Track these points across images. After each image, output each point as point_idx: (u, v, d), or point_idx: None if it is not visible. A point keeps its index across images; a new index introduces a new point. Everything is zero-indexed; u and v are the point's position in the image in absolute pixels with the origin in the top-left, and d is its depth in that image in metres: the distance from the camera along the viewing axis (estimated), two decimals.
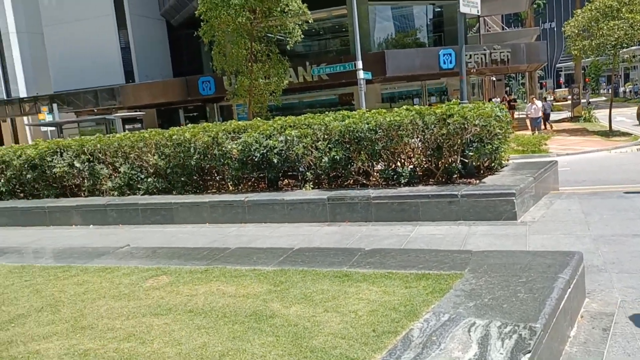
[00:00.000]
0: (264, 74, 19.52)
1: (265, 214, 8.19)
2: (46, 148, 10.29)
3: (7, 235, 9.12)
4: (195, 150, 9.17)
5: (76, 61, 31.01)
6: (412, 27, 28.04)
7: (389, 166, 8.28)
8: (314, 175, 8.66)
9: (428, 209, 7.25)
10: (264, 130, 8.90)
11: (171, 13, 30.34)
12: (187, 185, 9.53)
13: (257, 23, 18.72)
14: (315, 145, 8.45)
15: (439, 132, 7.71)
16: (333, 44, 28.08)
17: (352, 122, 8.13)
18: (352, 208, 7.66)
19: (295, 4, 17.79)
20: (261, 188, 9.13)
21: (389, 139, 7.91)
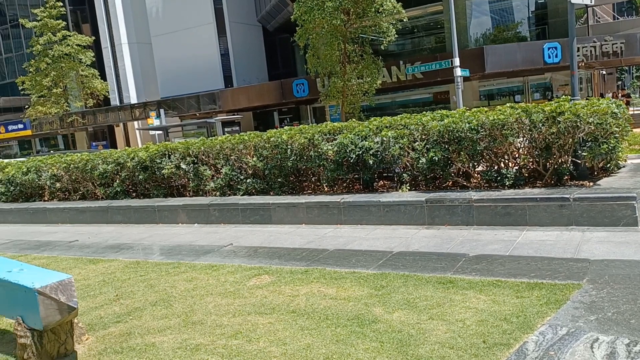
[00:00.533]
0: (357, 74, 19.54)
1: (361, 216, 8.15)
2: (156, 151, 10.99)
3: (122, 232, 9.84)
4: (292, 151, 9.34)
5: (180, 68, 33.01)
6: (511, 20, 26.71)
7: (492, 167, 7.90)
8: (410, 176, 8.48)
9: (536, 213, 6.82)
10: (360, 131, 8.85)
11: (267, 19, 31.30)
12: (284, 186, 9.73)
13: (351, 24, 18.79)
14: (412, 145, 8.27)
15: (548, 131, 7.23)
16: (427, 41, 27.49)
17: (452, 121, 7.85)
18: (451, 211, 7.40)
19: (389, 4, 17.64)
20: (356, 189, 9.10)
21: (492, 139, 7.55)
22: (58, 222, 11.50)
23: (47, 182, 12.24)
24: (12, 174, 12.80)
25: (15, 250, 8.63)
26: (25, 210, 12.08)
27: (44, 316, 3.59)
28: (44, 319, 3.59)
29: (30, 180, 12.46)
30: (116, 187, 11.42)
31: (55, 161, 12.33)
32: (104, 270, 6.35)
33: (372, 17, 18.50)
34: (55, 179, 12.19)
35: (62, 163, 12.10)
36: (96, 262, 6.90)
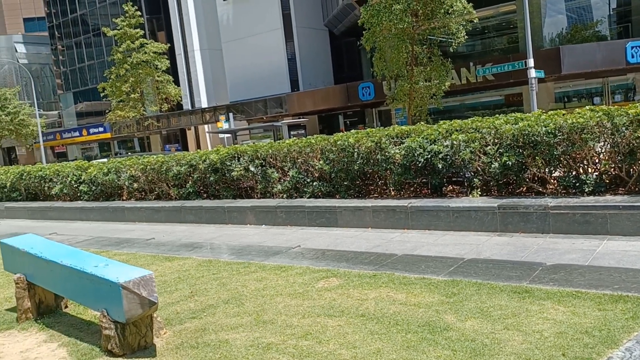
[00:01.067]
0: (425, 77, 19.24)
1: (429, 221, 8.01)
2: (226, 153, 11.33)
3: (194, 231, 10.22)
4: (359, 155, 9.33)
5: (249, 73, 33.89)
6: (590, 19, 25.36)
7: (570, 173, 7.53)
8: (481, 181, 8.24)
9: (618, 222, 6.43)
10: (429, 134, 8.71)
11: (334, 23, 31.50)
12: (350, 190, 9.74)
13: (419, 26, 18.53)
14: (484, 150, 8.04)
15: (632, 135, 6.81)
16: (499, 42, 26.64)
17: (527, 125, 7.56)
18: (526, 218, 7.13)
19: (459, 4, 17.25)
20: (424, 194, 8.96)
21: (570, 143, 7.21)
22: (135, 220, 12.11)
23: (126, 182, 12.92)
24: (94, 175, 13.62)
25: (98, 246, 9.17)
26: (106, 208, 12.81)
27: (127, 309, 3.79)
28: (127, 312, 3.80)
29: (110, 180, 13.21)
30: (189, 188, 11.87)
31: (133, 163, 12.99)
32: (179, 267, 6.62)
33: (441, 18, 18.16)
34: (133, 180, 12.85)
35: (139, 165, 12.73)
36: (171, 260, 7.21)
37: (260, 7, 33.20)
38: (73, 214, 13.59)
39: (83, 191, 13.87)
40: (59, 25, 49.23)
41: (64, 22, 48.74)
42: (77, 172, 14.23)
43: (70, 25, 48.32)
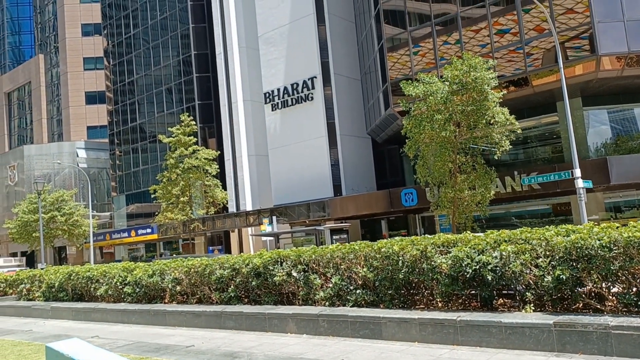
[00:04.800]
0: (469, 185, 19.24)
1: (480, 337, 7.57)
2: (269, 258, 11.34)
3: (233, 338, 9.99)
4: (404, 263, 9.15)
5: (293, 178, 34.88)
6: (635, 130, 25.28)
7: (630, 289, 7.09)
8: (534, 295, 7.84)
9: None
10: (476, 244, 8.51)
11: (376, 131, 32.58)
12: (395, 299, 9.43)
13: (461, 135, 18.88)
14: (536, 262, 7.74)
15: None
16: (543, 151, 26.69)
17: (579, 237, 7.30)
18: (585, 337, 6.64)
19: (502, 116, 17.62)
20: (473, 307, 8.56)
21: (628, 258, 6.86)
22: (175, 324, 11.99)
23: (169, 284, 13.00)
24: (139, 276, 13.80)
25: (138, 352, 9.05)
26: (147, 311, 12.80)
27: None
28: None
29: (154, 282, 13.33)
30: (230, 292, 11.80)
31: (178, 265, 13.15)
32: None
33: (483, 128, 18.52)
34: (176, 282, 12.93)
35: (183, 267, 12.87)
36: None
37: (306, 117, 34.93)
38: (115, 316, 13.63)
39: (127, 293, 14.00)
40: (119, 132, 52.99)
41: (124, 129, 52.48)
42: (123, 274, 14.47)
43: (129, 133, 51.92)
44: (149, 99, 49.60)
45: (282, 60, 36.53)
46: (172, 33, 47.25)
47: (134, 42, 51.50)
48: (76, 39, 68.40)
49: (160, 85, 48.41)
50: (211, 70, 44.22)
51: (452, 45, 25.06)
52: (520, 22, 22.53)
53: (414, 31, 26.80)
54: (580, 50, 21.47)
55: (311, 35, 35.04)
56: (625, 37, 20.26)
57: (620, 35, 20.32)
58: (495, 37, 23.53)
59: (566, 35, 21.66)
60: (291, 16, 36.16)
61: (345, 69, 35.40)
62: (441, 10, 25.88)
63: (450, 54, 24.29)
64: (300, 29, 35.65)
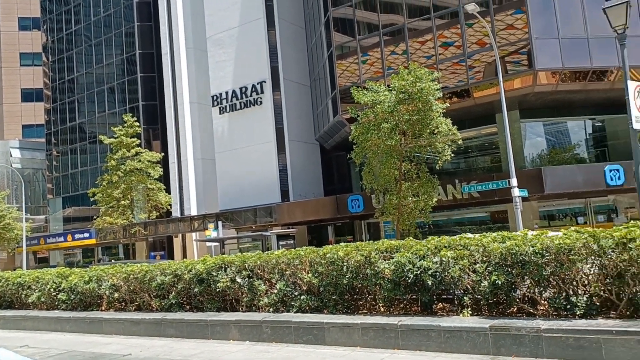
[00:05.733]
0: (413, 192, 19.68)
1: (420, 341, 7.73)
2: (213, 263, 11.13)
3: (173, 346, 9.73)
4: (348, 269, 9.22)
5: (240, 182, 34.52)
6: (568, 142, 26.72)
7: (560, 294, 7.44)
8: (472, 300, 8.09)
9: (612, 348, 6.25)
10: (418, 250, 8.70)
11: (325, 138, 32.81)
12: (339, 304, 9.49)
13: (407, 144, 19.32)
14: (473, 267, 7.99)
15: (619, 258, 6.84)
16: (483, 161, 27.71)
17: (515, 244, 7.61)
18: (518, 340, 6.91)
19: (445, 126, 18.17)
20: (414, 311, 8.74)
21: (558, 264, 7.21)
22: (112, 332, 11.56)
23: (107, 291, 12.52)
24: (75, 283, 13.21)
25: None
26: (83, 319, 12.28)
27: None
28: None
29: (91, 289, 12.80)
30: (172, 299, 11.50)
31: (116, 271, 12.68)
32: None
33: (427, 137, 19.02)
34: (114, 289, 12.46)
35: (122, 273, 12.42)
36: None
37: (254, 121, 34.70)
38: (49, 324, 12.99)
39: (61, 300, 13.36)
40: (57, 132, 50.73)
41: (62, 129, 50.29)
42: (57, 280, 13.81)
43: (68, 133, 49.79)
44: (90, 98, 47.81)
45: (231, 63, 36.17)
46: (116, 31, 45.81)
47: (75, 38, 49.53)
48: (12, 32, 65.12)
49: (102, 84, 46.78)
50: (157, 70, 43.17)
51: (400, 55, 25.65)
52: (464, 35, 23.36)
53: (362, 40, 27.23)
54: (519, 65, 22.49)
55: (261, 40, 34.90)
56: (560, 54, 21.41)
57: (556, 51, 21.46)
58: (440, 49, 24.27)
59: (506, 50, 22.64)
60: (241, 19, 35.90)
61: (294, 74, 35.47)
62: (389, 21, 26.45)
63: (397, 63, 24.83)
64: (250, 33, 35.44)
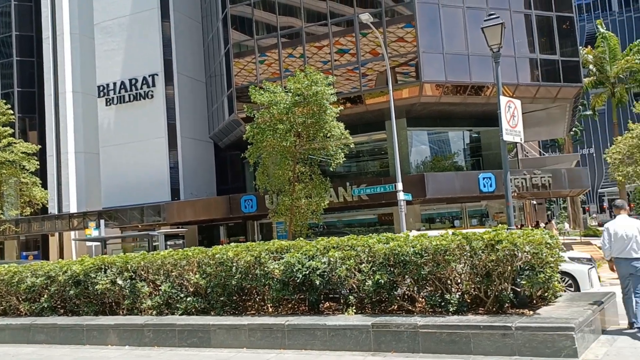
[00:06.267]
0: (306, 193, 19.97)
1: (306, 340, 7.85)
2: (91, 264, 10.44)
3: (43, 354, 9.00)
4: (237, 269, 9.12)
5: (126, 179, 32.71)
6: (449, 151, 28.72)
7: (436, 292, 7.95)
8: (356, 299, 8.38)
9: (480, 342, 6.79)
10: (307, 250, 8.83)
11: (219, 136, 32.20)
12: (226, 306, 9.35)
13: (301, 146, 19.57)
14: (359, 267, 8.28)
15: (488, 259, 7.46)
16: (372, 165, 28.87)
17: (397, 245, 8.00)
18: (398, 337, 7.27)
19: (338, 130, 18.67)
20: (302, 311, 8.86)
21: (435, 264, 7.70)
22: None
23: None
24: None
25: None
26: None
27: None
28: None
29: None
30: (43, 302, 10.61)
31: None
32: None
33: (321, 140, 19.43)
34: None
35: None
36: None
37: (144, 115, 33.07)
38: None
39: None
40: None
41: None
42: None
43: None
44: None
45: (121, 53, 34.20)
46: None
47: None
48: None
49: None
50: (36, 55, 39.66)
51: (297, 58, 25.93)
52: (358, 44, 24.21)
53: (260, 40, 27.15)
54: (408, 76, 23.78)
55: (154, 30, 33.40)
56: (444, 68, 22.98)
57: (440, 65, 23.00)
58: (336, 55, 24.93)
59: (397, 60, 23.82)
60: (133, 7, 34.09)
61: (189, 69, 34.38)
62: (288, 23, 26.64)
63: (295, 66, 25.08)
64: (142, 22, 33.76)
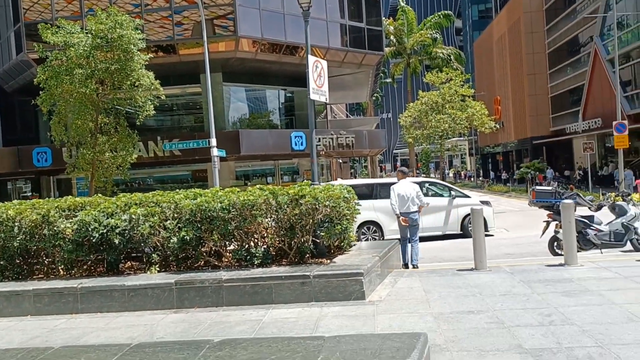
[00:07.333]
0: (110, 147, 18.42)
1: (102, 302, 7.34)
2: None
3: None
4: (20, 230, 8.07)
5: None
6: (265, 109, 29.09)
7: (242, 246, 8.06)
8: (161, 257, 8.08)
9: (281, 291, 7.10)
10: (106, 208, 8.18)
11: (6, 78, 27.79)
12: (7, 271, 8.27)
13: (105, 95, 17.87)
14: (164, 224, 7.96)
15: (292, 213, 7.76)
16: (187, 120, 27.84)
17: (205, 200, 7.85)
18: (202, 292, 7.22)
19: (147, 80, 17.39)
20: (99, 272, 8.25)
21: (242, 219, 7.75)
22: None
23: None
24: None
25: None
26: None
27: None
28: None
29: None
30: None
31: None
32: None
33: (128, 90, 17.93)
34: None
35: None
36: None
37: None
38: None
39: None
40: None
41: None
42: None
43: None
44: None
45: None
46: None
47: None
48: None
49: None
50: None
51: None
52: None
53: None
54: (226, 30, 23.10)
55: None
56: (260, 25, 22.86)
57: (256, 22, 22.80)
58: None
59: (214, 12, 22.93)
60: None
61: None
62: None
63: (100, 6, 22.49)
64: None
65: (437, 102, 28.26)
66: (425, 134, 28.24)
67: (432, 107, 28.35)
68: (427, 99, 28.83)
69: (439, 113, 28.12)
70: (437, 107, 28.24)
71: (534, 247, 11.82)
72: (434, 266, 9.88)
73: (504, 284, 7.41)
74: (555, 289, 7.00)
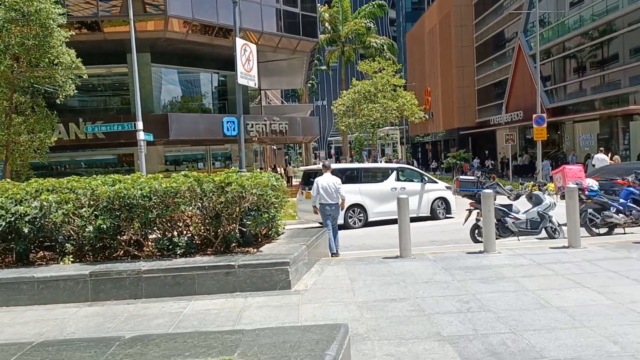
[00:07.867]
0: (27, 128, 17.21)
1: (9, 296, 6.82)
2: None
3: None
4: None
5: None
6: (198, 92, 28.26)
7: (165, 235, 7.74)
8: (75, 246, 7.61)
9: (204, 282, 6.89)
10: (14, 194, 7.60)
11: None
12: None
13: (21, 72, 16.61)
14: (79, 212, 7.49)
15: (218, 200, 7.54)
16: (113, 101, 26.52)
17: (124, 187, 7.45)
18: (119, 284, 6.86)
19: (68, 57, 16.31)
20: (7, 263, 7.67)
21: (165, 207, 7.43)
22: None
23: None
24: None
25: None
26: None
27: None
28: None
29: None
30: None
31: None
32: None
33: (46, 68, 16.75)
34: None
35: None
36: None
37: None
38: None
39: None
40: None
41: None
42: None
43: None
44: None
45: None
46: None
47: None
48: None
49: None
50: None
51: None
52: None
53: None
54: (157, 8, 22.08)
55: None
56: (191, 5, 22.05)
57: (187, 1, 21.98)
58: None
59: None
60: None
61: None
62: None
63: None
64: None
65: (370, 91, 28.57)
66: (358, 122, 28.53)
67: (365, 96, 28.63)
68: (360, 88, 29.06)
69: (371, 102, 28.45)
70: (369, 96, 28.55)
71: (458, 234, 12.23)
72: (361, 254, 9.97)
73: (427, 272, 7.58)
74: (474, 275, 7.24)
